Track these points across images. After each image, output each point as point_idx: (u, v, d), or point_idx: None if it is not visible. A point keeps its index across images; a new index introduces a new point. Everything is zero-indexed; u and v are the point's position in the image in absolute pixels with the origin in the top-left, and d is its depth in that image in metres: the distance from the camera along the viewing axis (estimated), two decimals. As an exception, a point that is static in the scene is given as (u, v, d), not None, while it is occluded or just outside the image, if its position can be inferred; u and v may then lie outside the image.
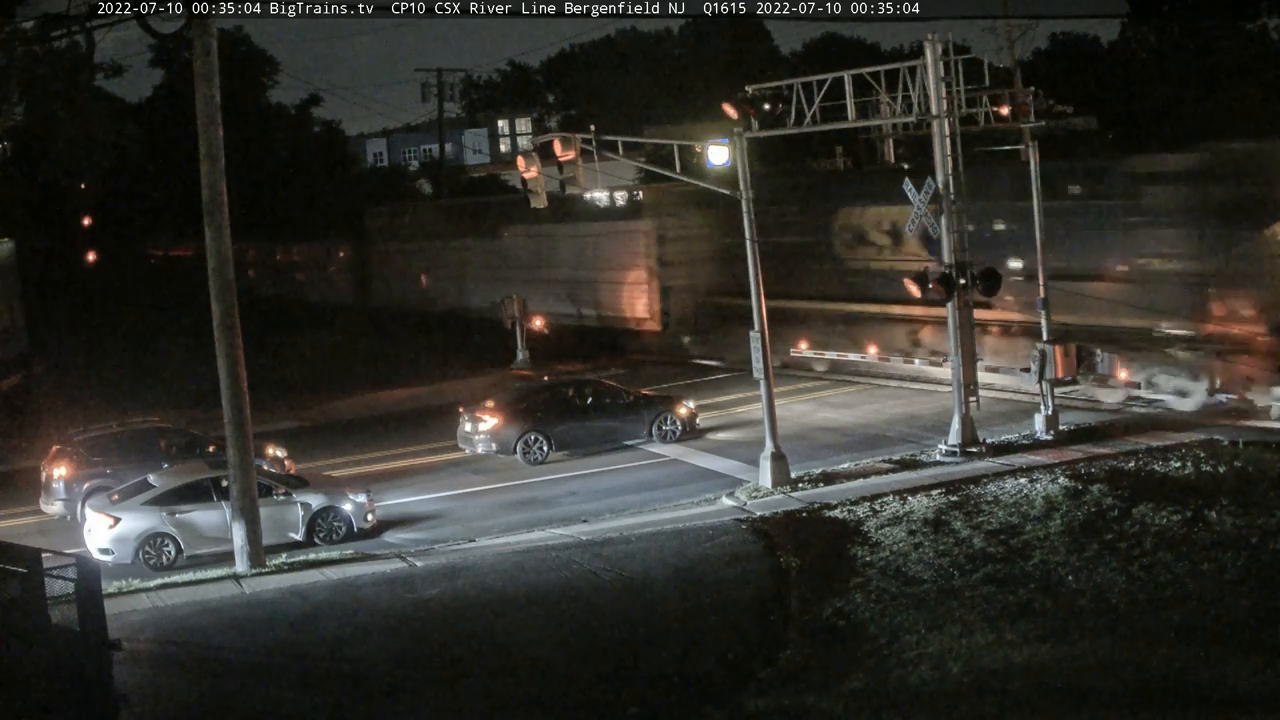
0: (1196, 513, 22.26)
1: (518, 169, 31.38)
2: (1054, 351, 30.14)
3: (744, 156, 28.39)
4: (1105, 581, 19.75)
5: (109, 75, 72.71)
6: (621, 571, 22.61)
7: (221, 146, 24.56)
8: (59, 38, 27.96)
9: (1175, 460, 26.49)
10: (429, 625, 20.95)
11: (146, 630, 21.08)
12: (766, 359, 28.35)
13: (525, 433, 32.68)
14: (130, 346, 59.96)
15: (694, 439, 33.58)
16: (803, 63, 76.09)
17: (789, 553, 23.05)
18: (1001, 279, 29.29)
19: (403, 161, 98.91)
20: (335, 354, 51.59)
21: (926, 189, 28.63)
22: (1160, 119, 58.63)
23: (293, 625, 21.32)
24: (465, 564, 24.01)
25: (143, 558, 25.72)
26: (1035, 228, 31.10)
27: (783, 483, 27.81)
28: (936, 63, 28.54)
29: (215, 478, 26.40)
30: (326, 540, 26.64)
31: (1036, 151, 31.54)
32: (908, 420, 33.81)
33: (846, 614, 19.81)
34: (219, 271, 24.69)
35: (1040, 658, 17.02)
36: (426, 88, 76.87)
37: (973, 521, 23.43)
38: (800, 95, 29.56)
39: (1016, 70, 48.28)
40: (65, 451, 30.28)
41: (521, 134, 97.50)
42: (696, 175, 31.69)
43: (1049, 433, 29.91)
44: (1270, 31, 63.76)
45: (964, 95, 29.73)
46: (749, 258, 28.38)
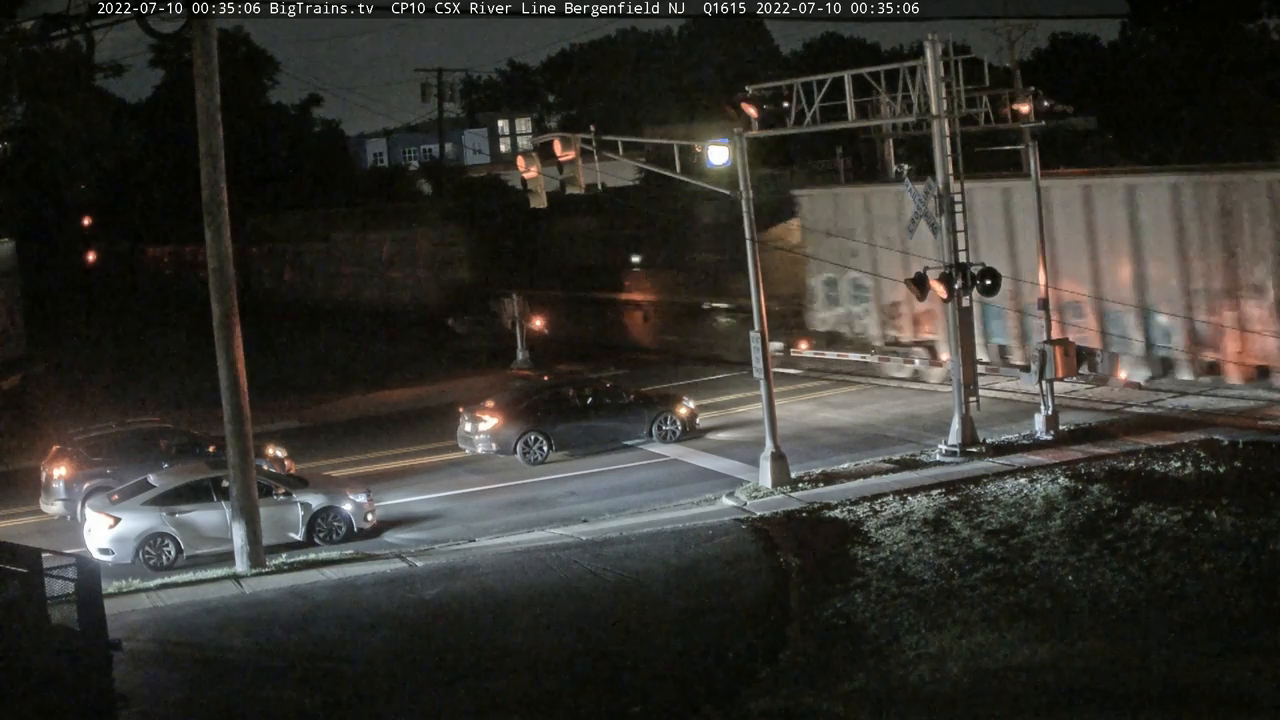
0: (1196, 513, 22.26)
1: (518, 169, 31.39)
2: (1054, 351, 30.13)
3: (744, 156, 28.38)
4: (1105, 581, 19.75)
5: (109, 75, 72.91)
6: (622, 571, 22.61)
7: (221, 146, 24.56)
8: (59, 38, 27.92)
9: (1175, 460, 26.47)
10: (429, 625, 20.96)
11: (146, 630, 21.09)
12: (766, 359, 28.35)
13: (525, 433, 32.67)
14: (131, 346, 60.01)
15: (694, 439, 33.57)
16: (803, 63, 76.07)
17: (789, 553, 23.05)
18: (1001, 279, 29.28)
19: (403, 161, 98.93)
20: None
21: (928, 189, 28.63)
22: (1160, 119, 58.63)
23: (293, 625, 21.32)
24: (465, 564, 24.02)
25: (143, 558, 25.72)
26: (1036, 230, 31.10)
27: (783, 483, 27.81)
28: (936, 63, 28.53)
29: (215, 478, 26.40)
30: (326, 540, 26.64)
31: (1037, 151, 31.53)
32: (908, 420, 33.80)
33: (846, 614, 19.81)
34: (219, 271, 24.70)
35: (1040, 658, 17.02)
36: (426, 88, 77.03)
37: (973, 521, 23.44)
38: (800, 95, 29.56)
39: (1016, 70, 48.20)
40: (65, 451, 30.28)
41: (521, 134, 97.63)
42: (696, 175, 31.70)
43: (1049, 433, 29.89)
44: (1270, 31, 63.73)
45: (964, 95, 29.73)
46: (749, 257, 28.38)
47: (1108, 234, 33.35)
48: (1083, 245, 33.84)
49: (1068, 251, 33.96)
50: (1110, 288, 33.31)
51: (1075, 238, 33.90)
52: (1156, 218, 32.32)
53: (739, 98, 29.21)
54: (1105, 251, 33.45)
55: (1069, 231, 33.96)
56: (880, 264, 37.23)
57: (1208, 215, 31.37)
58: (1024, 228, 33.98)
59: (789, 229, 44.20)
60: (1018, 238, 34.77)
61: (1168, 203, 32.13)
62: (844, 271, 39.75)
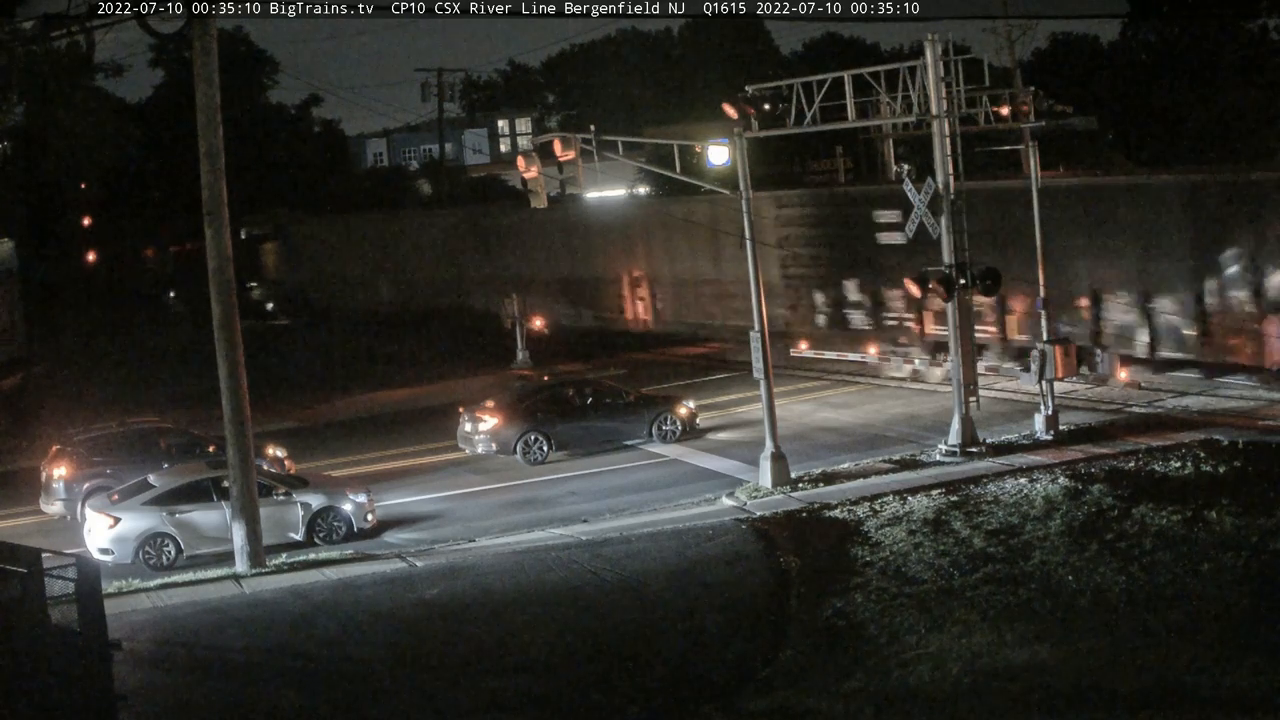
0: (1196, 513, 22.25)
1: (518, 169, 31.39)
2: (1054, 351, 30.13)
3: (744, 156, 28.38)
4: (1105, 581, 19.74)
5: (109, 75, 72.94)
6: (621, 571, 22.61)
7: (221, 146, 24.56)
8: (59, 38, 27.94)
9: (1175, 460, 26.47)
10: (429, 625, 20.96)
11: (146, 630, 21.09)
12: (766, 359, 28.35)
13: (525, 433, 32.67)
14: (130, 346, 60.05)
15: (694, 439, 33.57)
16: (803, 63, 76.03)
17: (789, 553, 23.05)
18: (1002, 278, 29.28)
19: (403, 161, 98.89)
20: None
21: (927, 189, 28.62)
22: (1160, 119, 58.64)
23: (293, 625, 21.33)
24: (465, 564, 24.02)
25: (143, 558, 25.71)
26: (1036, 233, 31.09)
27: (783, 483, 27.81)
28: (936, 63, 28.53)
29: (215, 478, 26.39)
30: (326, 540, 26.63)
31: (1036, 151, 31.52)
32: (908, 420, 33.80)
33: (846, 614, 19.81)
34: (219, 271, 24.70)
35: (1040, 658, 17.02)
36: (426, 88, 76.97)
37: (973, 521, 23.43)
38: (800, 95, 29.56)
39: (1016, 70, 48.20)
40: (65, 451, 30.26)
41: (521, 134, 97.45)
42: (696, 175, 31.70)
43: (1049, 433, 29.89)
44: (1270, 31, 63.73)
45: (964, 95, 29.74)
46: (749, 257, 28.38)
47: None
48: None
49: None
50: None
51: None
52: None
53: (739, 98, 29.21)
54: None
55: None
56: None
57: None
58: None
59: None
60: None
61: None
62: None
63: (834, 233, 43.37)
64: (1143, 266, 34.55)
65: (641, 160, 45.86)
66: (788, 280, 44.75)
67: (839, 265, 42.90)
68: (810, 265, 44.46)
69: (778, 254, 43.51)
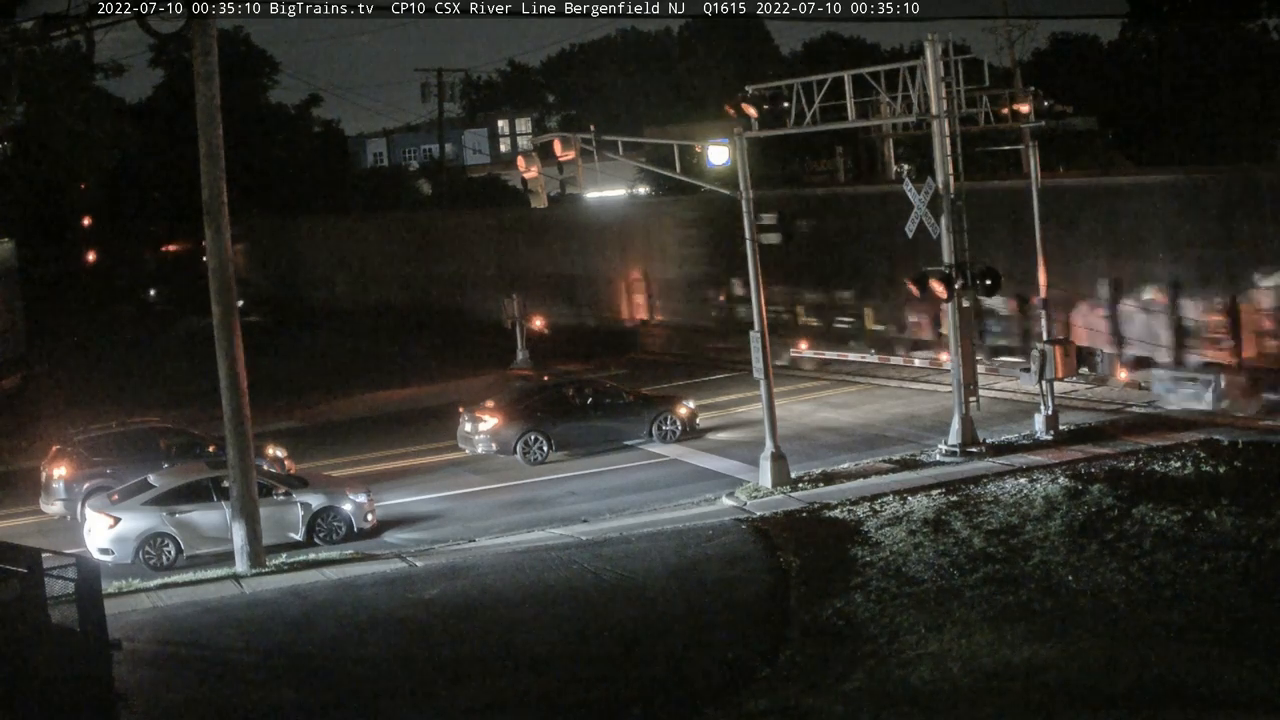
0: (1196, 513, 22.26)
1: (518, 169, 31.39)
2: (1054, 351, 30.12)
3: (744, 156, 28.37)
4: (1105, 581, 19.74)
5: (109, 75, 72.84)
6: (622, 571, 22.61)
7: (221, 146, 24.56)
8: (59, 38, 27.92)
9: (1175, 460, 26.48)
10: (429, 625, 20.96)
11: (146, 630, 21.09)
12: (766, 359, 28.34)
13: (525, 433, 32.66)
14: (130, 346, 60.03)
15: (694, 439, 33.57)
16: (802, 63, 76.00)
17: (789, 553, 23.05)
18: (1001, 278, 29.28)
19: (403, 161, 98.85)
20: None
21: (926, 189, 28.62)
22: (1160, 119, 58.64)
23: (293, 625, 21.33)
24: (465, 564, 24.02)
25: (143, 558, 25.71)
26: (1036, 235, 31.10)
27: (783, 483, 27.81)
28: (936, 63, 28.53)
29: (215, 478, 26.39)
30: (326, 540, 26.63)
31: (1037, 151, 31.52)
32: (908, 420, 33.80)
33: (846, 614, 19.81)
34: (219, 271, 24.70)
35: (1040, 658, 17.01)
36: (426, 88, 76.92)
37: (973, 521, 23.43)
38: (800, 95, 29.56)
39: (1016, 70, 48.25)
40: (65, 451, 30.27)
41: (521, 134, 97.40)
42: (696, 175, 31.69)
43: (1049, 433, 29.89)
44: (1270, 31, 63.75)
45: (964, 95, 29.73)
46: (749, 257, 28.38)
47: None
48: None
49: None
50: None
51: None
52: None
53: (739, 98, 29.20)
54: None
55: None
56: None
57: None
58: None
59: None
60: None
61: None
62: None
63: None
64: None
65: (641, 160, 45.84)
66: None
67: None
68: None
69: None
